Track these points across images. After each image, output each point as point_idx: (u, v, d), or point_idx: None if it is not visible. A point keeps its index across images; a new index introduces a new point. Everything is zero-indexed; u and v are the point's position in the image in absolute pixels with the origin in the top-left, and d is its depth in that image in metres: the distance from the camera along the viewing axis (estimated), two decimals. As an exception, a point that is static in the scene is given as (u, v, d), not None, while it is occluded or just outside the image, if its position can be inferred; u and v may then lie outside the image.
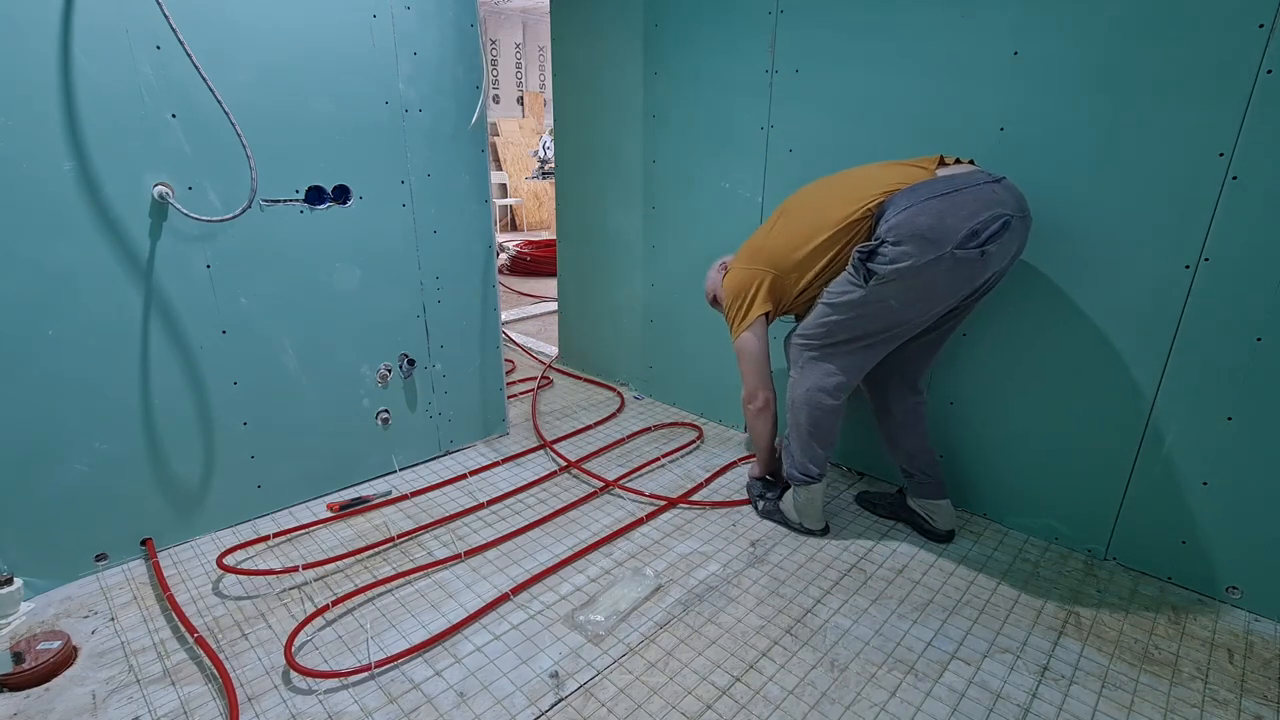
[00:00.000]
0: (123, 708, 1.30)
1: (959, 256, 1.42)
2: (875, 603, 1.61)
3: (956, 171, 1.53)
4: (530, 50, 8.96)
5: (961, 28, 1.72)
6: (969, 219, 1.41)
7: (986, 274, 1.51)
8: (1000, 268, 1.54)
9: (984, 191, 1.46)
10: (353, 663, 1.41)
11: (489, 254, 2.31)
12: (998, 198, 1.45)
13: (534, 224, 8.36)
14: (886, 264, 1.47)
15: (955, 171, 1.53)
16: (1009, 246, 1.48)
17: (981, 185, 1.47)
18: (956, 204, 1.43)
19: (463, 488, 2.14)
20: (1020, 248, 1.54)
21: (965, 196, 1.44)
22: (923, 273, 1.45)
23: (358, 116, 1.89)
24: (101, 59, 1.48)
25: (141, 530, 1.75)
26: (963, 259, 1.43)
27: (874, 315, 1.57)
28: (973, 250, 1.42)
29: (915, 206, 1.45)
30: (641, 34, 2.49)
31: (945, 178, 1.50)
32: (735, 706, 1.32)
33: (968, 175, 1.50)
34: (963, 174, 1.51)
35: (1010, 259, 1.54)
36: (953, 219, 1.42)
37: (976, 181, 1.47)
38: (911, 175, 1.54)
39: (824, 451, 1.77)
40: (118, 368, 1.63)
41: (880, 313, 1.56)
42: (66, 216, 1.50)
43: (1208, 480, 1.58)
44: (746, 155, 2.26)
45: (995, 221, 1.42)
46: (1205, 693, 1.36)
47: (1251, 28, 1.37)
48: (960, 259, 1.43)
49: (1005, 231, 1.43)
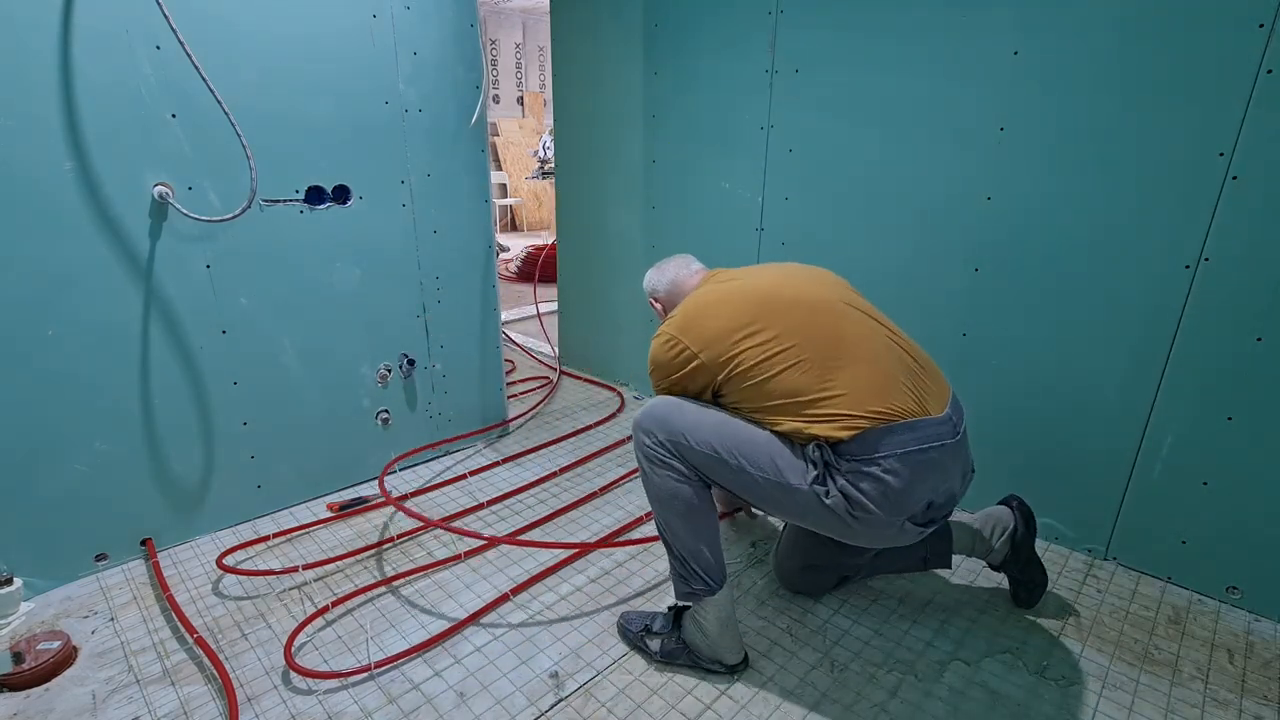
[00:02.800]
0: (123, 708, 1.30)
1: (905, 528, 1.26)
2: (875, 603, 1.61)
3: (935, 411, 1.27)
4: (530, 50, 8.96)
5: (961, 27, 1.72)
6: (930, 492, 1.24)
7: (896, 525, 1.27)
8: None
9: (953, 454, 1.26)
10: (352, 663, 1.41)
11: (489, 254, 2.31)
12: (956, 465, 1.28)
13: (534, 224, 8.36)
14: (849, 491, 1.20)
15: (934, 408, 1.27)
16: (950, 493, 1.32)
17: (953, 445, 1.26)
18: (932, 466, 1.23)
19: (462, 488, 2.14)
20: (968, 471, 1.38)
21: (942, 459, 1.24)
22: (864, 525, 1.23)
23: (358, 116, 1.89)
24: (101, 59, 1.48)
25: (141, 530, 1.75)
26: (905, 531, 1.27)
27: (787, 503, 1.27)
28: (917, 526, 1.27)
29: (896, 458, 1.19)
30: (641, 34, 2.49)
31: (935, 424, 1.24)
32: (735, 706, 1.32)
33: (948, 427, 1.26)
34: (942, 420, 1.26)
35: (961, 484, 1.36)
36: (920, 489, 1.22)
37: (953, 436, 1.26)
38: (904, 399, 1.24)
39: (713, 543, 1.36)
40: (118, 368, 1.63)
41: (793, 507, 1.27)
42: (66, 216, 1.50)
43: (1208, 480, 1.58)
44: (746, 155, 2.26)
45: (948, 498, 1.29)
46: (1205, 693, 1.36)
47: (1251, 28, 1.37)
48: (904, 530, 1.26)
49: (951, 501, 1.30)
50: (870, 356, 1.27)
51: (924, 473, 1.22)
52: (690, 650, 1.40)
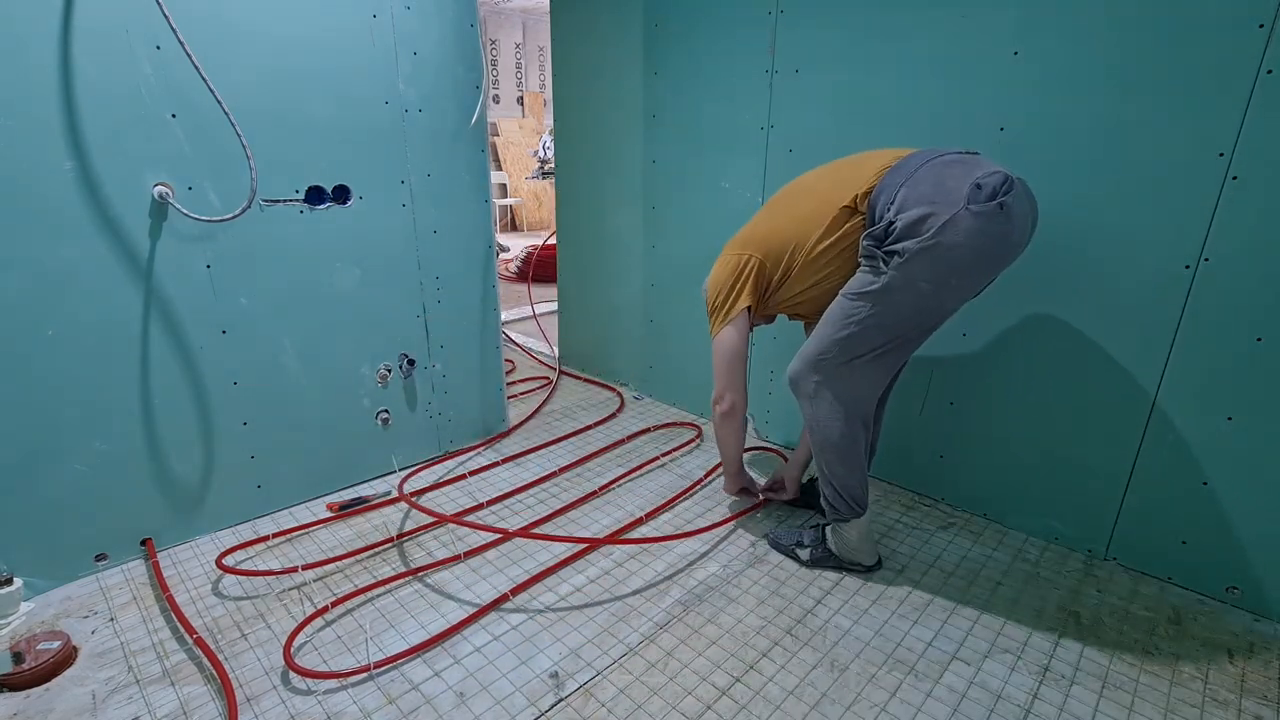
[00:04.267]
0: (122, 708, 1.30)
1: (976, 213, 1.31)
2: (875, 603, 1.61)
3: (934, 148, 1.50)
4: (530, 50, 8.96)
5: (961, 27, 1.72)
6: (965, 178, 1.34)
7: (1015, 236, 1.39)
8: (1023, 237, 1.43)
9: (969, 159, 1.42)
10: (352, 663, 1.41)
11: (489, 254, 2.31)
12: (987, 162, 1.40)
13: (534, 224, 8.36)
14: (905, 239, 1.36)
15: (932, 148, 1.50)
16: (1023, 205, 1.39)
17: (964, 154, 1.44)
18: (948, 167, 1.39)
19: (462, 488, 2.14)
20: (1035, 218, 1.45)
21: (953, 160, 1.41)
22: (945, 240, 1.33)
23: (357, 116, 1.89)
24: (101, 59, 1.48)
25: (141, 530, 1.75)
26: (981, 214, 1.32)
27: (902, 305, 1.44)
28: (989, 205, 1.31)
29: (908, 181, 1.39)
30: (641, 34, 2.49)
31: (928, 149, 1.47)
32: (735, 707, 1.32)
33: (944, 150, 1.46)
34: (940, 149, 1.47)
35: (1031, 228, 1.45)
36: (952, 181, 1.35)
37: (956, 150, 1.45)
38: (896, 156, 1.50)
39: (862, 479, 1.63)
40: (118, 368, 1.63)
41: (909, 301, 1.43)
42: (66, 216, 1.50)
43: (1208, 480, 1.58)
44: (746, 155, 2.26)
45: (994, 175, 1.34)
46: (1205, 693, 1.36)
47: (1251, 28, 1.37)
48: (979, 214, 1.31)
49: (1012, 188, 1.34)
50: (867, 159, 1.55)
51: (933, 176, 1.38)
52: (835, 556, 1.71)
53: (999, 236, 1.36)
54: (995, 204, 1.32)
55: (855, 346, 1.49)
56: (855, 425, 1.57)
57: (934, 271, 1.38)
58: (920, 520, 1.96)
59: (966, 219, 1.32)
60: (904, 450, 2.08)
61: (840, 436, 1.57)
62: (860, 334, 1.48)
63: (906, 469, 2.11)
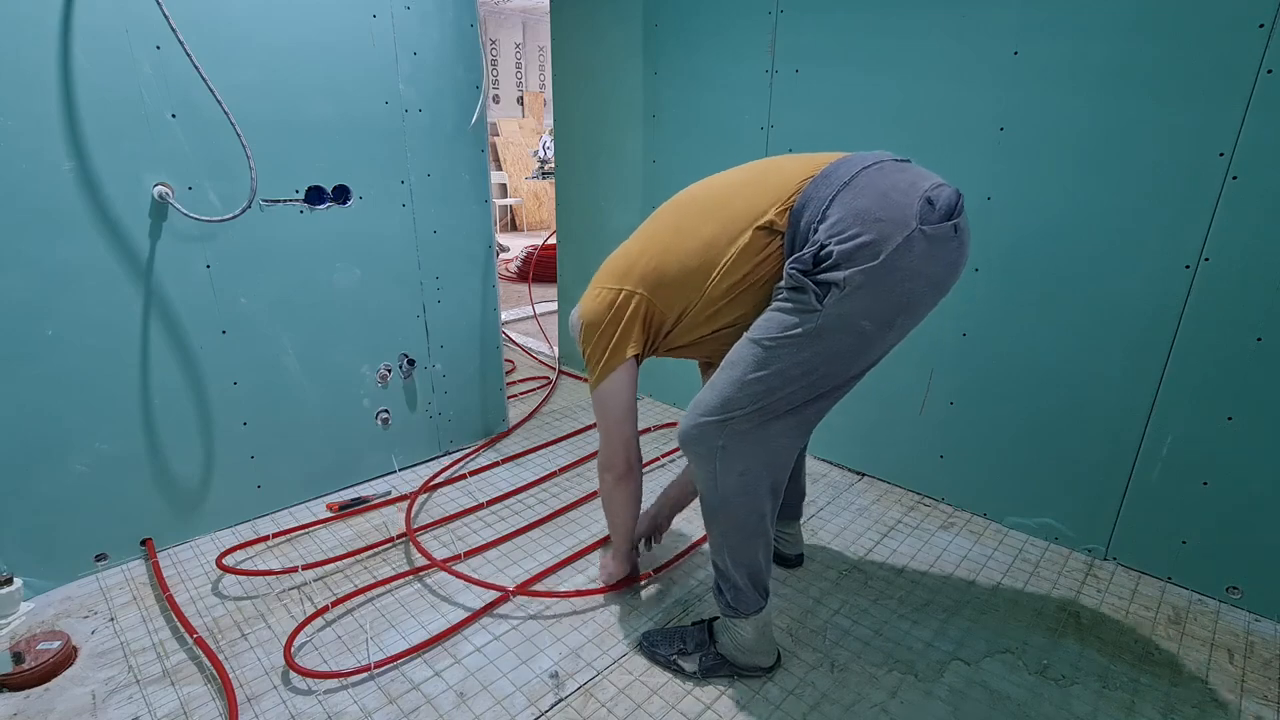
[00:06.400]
0: (122, 708, 1.30)
1: (930, 235, 1.07)
2: (875, 603, 1.61)
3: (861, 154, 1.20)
4: (530, 50, 8.96)
5: (961, 28, 1.72)
6: (911, 191, 1.08)
7: (962, 265, 1.17)
8: (963, 269, 1.18)
9: (908, 168, 1.15)
10: (352, 663, 1.41)
11: (489, 254, 2.31)
12: (927, 172, 1.15)
13: (534, 224, 8.36)
14: (844, 267, 1.07)
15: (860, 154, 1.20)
16: (966, 226, 1.16)
17: (900, 162, 1.16)
18: (887, 176, 1.11)
19: (462, 488, 2.14)
20: (967, 250, 1.18)
21: (891, 169, 1.13)
22: (896, 267, 1.07)
23: (357, 116, 1.89)
24: (101, 59, 1.48)
25: (141, 530, 1.75)
26: (935, 237, 1.08)
27: (836, 349, 1.13)
28: (944, 226, 1.08)
29: (840, 194, 1.10)
30: (641, 34, 2.49)
31: (856, 155, 1.18)
32: (735, 707, 1.32)
33: (879, 155, 1.17)
34: (873, 154, 1.18)
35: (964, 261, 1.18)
36: (897, 194, 1.08)
37: (890, 156, 1.17)
38: (819, 162, 1.19)
39: (768, 560, 1.31)
40: (118, 368, 1.63)
41: (846, 344, 1.13)
42: (66, 216, 1.50)
43: (1208, 480, 1.58)
44: (746, 155, 2.25)
45: (944, 189, 1.10)
46: (1205, 693, 1.36)
47: (1251, 28, 1.37)
48: (933, 237, 1.08)
49: (960, 204, 1.11)
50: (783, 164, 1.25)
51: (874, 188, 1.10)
52: (728, 662, 1.37)
53: (951, 265, 1.14)
54: (950, 225, 1.09)
55: (771, 400, 1.17)
56: (765, 497, 1.24)
57: (881, 307, 1.11)
58: (920, 520, 1.96)
59: (920, 242, 1.07)
60: (904, 450, 2.08)
61: (748, 513, 1.23)
62: (778, 386, 1.15)
63: (906, 469, 2.11)
